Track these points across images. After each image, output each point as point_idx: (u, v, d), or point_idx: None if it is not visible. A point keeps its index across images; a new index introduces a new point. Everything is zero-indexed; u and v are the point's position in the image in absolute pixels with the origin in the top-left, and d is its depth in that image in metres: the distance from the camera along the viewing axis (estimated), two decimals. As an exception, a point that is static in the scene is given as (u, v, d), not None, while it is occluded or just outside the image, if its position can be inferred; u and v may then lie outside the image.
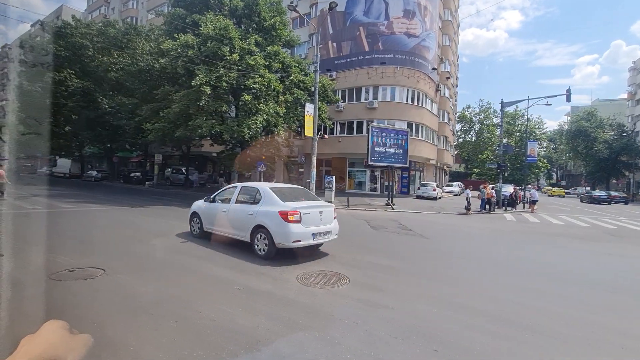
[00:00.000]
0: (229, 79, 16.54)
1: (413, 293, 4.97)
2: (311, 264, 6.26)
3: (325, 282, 5.25)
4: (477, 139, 72.89)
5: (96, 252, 6.50)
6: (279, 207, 6.47)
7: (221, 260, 6.31)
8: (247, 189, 7.49)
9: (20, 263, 5.57)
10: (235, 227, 7.26)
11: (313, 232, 6.53)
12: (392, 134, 20.60)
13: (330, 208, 7.18)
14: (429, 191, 26.66)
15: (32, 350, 0.58)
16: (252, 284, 4.99)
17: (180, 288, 4.67)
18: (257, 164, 21.65)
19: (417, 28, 27.18)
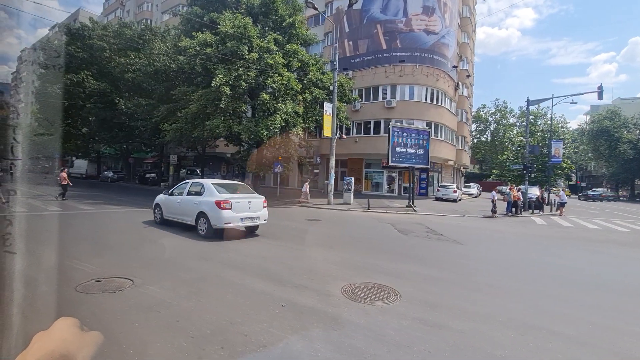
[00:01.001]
0: (247, 79, 16.18)
1: (475, 311, 4.40)
2: (352, 274, 5.74)
3: (374, 296, 4.73)
4: (492, 139, 71.30)
5: (120, 258, 6.13)
6: (215, 197, 8.26)
7: (254, 269, 5.85)
8: (196, 183, 9.28)
9: (44, 271, 5.22)
10: (185, 214, 9.06)
11: (242, 217, 8.40)
12: (413, 133, 19.91)
13: (259, 199, 8.93)
14: (449, 193, 25.83)
15: (44, 346, 0.58)
16: (295, 298, 4.50)
17: (219, 303, 4.22)
18: (274, 165, 21.27)
19: (437, 25, 26.39)
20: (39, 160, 44.79)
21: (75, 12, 67.97)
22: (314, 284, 5.17)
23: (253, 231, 9.23)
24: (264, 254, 7.06)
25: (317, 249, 7.90)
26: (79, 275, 5.03)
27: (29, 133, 40.25)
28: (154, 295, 4.34)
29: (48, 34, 73.72)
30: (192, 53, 16.10)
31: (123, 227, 9.65)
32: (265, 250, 7.37)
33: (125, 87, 27.95)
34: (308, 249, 7.76)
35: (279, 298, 4.46)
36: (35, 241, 7.17)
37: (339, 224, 12.83)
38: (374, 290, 4.96)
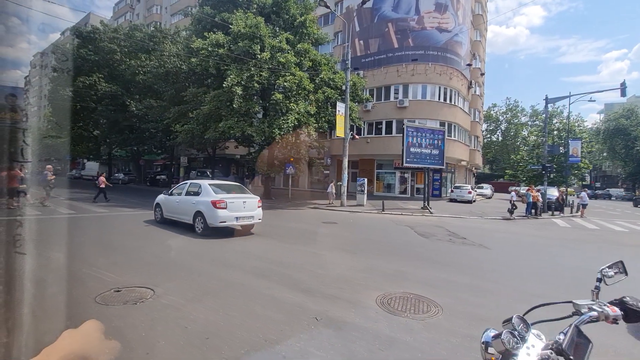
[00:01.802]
0: (260, 79, 15.93)
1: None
2: (382, 283, 5.37)
3: (413, 308, 4.35)
4: (503, 139, 70.04)
5: (137, 264, 5.86)
6: (211, 197, 8.72)
7: (279, 277, 5.51)
8: (194, 184, 9.84)
9: (62, 279, 4.97)
10: (183, 213, 9.54)
11: (237, 216, 8.86)
12: (427, 133, 19.44)
13: (254, 199, 9.41)
14: (463, 194, 25.24)
15: (70, 346, 0.61)
16: (328, 310, 4.15)
17: (248, 316, 3.89)
18: (286, 166, 21.00)
19: (450, 22, 25.85)
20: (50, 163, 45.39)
21: (85, 16, 68.94)
22: (345, 293, 4.82)
23: (249, 230, 9.64)
24: (285, 259, 6.73)
25: (339, 253, 7.54)
26: (96, 283, 4.77)
27: (39, 135, 40.84)
28: (178, 308, 4.03)
29: (60, 38, 74.96)
30: (204, 54, 15.90)
31: (136, 230, 9.43)
32: (285, 256, 7.04)
33: (136, 89, 28.03)
34: (329, 254, 7.41)
35: (311, 310, 4.12)
36: (52, 245, 6.96)
37: (356, 226, 12.45)
38: (412, 302, 4.58)
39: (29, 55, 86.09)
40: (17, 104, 1.18)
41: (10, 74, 1.26)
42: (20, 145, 1.16)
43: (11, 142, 1.17)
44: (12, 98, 1.20)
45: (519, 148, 67.04)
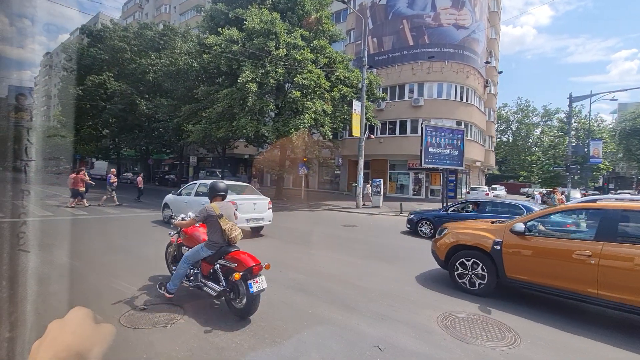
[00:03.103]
0: (275, 76, 15.39)
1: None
2: (435, 299, 4.77)
3: (485, 334, 3.74)
4: (514, 139, 68.77)
5: (155, 273, 5.32)
6: None
7: (318, 291, 4.93)
8: (204, 184, 9.56)
9: (80, 292, 4.45)
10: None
11: (247, 218, 8.62)
12: (446, 133, 18.74)
13: (264, 200, 9.24)
14: (481, 196, 24.47)
15: (60, 337, 0.58)
16: (388, 335, 3.56)
17: (299, 342, 3.32)
18: (299, 166, 20.46)
19: (467, 19, 25.09)
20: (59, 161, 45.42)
21: (95, 16, 69.13)
22: (399, 312, 4.23)
23: (258, 232, 9.44)
24: (317, 268, 6.16)
25: (375, 262, 6.94)
26: (117, 297, 4.24)
27: (47, 134, 40.85)
28: (216, 333, 3.47)
29: (69, 38, 75.36)
30: (217, 50, 15.39)
31: (146, 232, 8.93)
32: (315, 264, 6.47)
33: (146, 88, 27.70)
34: (363, 262, 6.82)
35: (369, 336, 3.54)
36: (68, 252, 6.47)
37: (380, 230, 11.84)
38: (479, 325, 3.97)
39: (39, 56, 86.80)
40: (28, 104, 1.21)
41: (21, 74, 1.29)
42: (24, 144, 1.16)
43: (22, 140, 1.16)
44: (23, 98, 1.20)
45: (530, 149, 65.90)
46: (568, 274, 4.19)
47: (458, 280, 5.21)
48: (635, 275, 3.73)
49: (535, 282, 4.50)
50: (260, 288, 3.74)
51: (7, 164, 1.12)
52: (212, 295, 3.92)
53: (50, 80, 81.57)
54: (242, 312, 3.78)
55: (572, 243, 4.26)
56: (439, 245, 5.59)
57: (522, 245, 4.64)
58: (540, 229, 4.75)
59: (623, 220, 4.07)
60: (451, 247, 5.35)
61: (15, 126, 1.19)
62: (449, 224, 6.22)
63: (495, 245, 4.83)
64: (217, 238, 4.07)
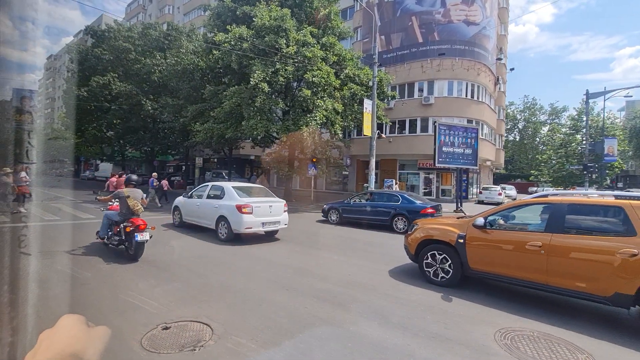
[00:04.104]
0: (285, 74, 14.97)
1: None
2: (479, 312, 4.30)
3: (554, 356, 3.28)
4: (521, 137, 67.98)
5: (172, 282, 4.90)
6: (236, 201, 8.10)
7: (359, 307, 4.48)
8: (216, 187, 9.26)
9: (92, 306, 4.03)
10: (204, 217, 8.95)
11: (263, 222, 8.23)
12: (460, 131, 18.25)
13: (280, 203, 8.81)
14: (493, 195, 23.98)
15: (53, 345, 0.58)
16: (446, 359, 3.11)
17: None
18: (308, 167, 20.01)
19: (478, 15, 24.54)
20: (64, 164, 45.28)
21: (98, 18, 69.19)
22: (450, 329, 3.77)
23: (273, 235, 9.13)
24: (342, 277, 5.70)
25: (405, 271, 6.47)
26: (134, 312, 3.81)
27: (49, 137, 40.72)
28: (254, 358, 3.03)
29: (73, 40, 75.41)
30: (226, 48, 14.98)
31: (157, 236, 8.51)
32: (339, 272, 6.01)
33: (151, 89, 27.40)
34: (391, 269, 6.35)
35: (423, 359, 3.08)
36: (76, 260, 6.07)
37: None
38: (544, 344, 3.50)
39: (43, 59, 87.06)
40: (31, 106, 1.21)
41: (25, 77, 1.22)
42: (25, 147, 1.14)
43: (24, 143, 1.15)
44: (26, 100, 1.19)
45: (537, 147, 65.07)
46: (522, 264, 4.52)
47: (427, 273, 5.49)
48: (578, 264, 4.10)
49: (495, 272, 4.82)
50: (144, 239, 6.02)
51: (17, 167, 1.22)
52: (114, 244, 6.38)
53: (54, 83, 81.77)
54: (132, 256, 6.06)
55: (526, 235, 4.60)
56: (410, 240, 5.87)
57: (483, 238, 4.95)
58: (499, 223, 5.02)
59: (570, 213, 4.41)
60: (420, 242, 5.64)
61: (18, 128, 1.16)
62: (420, 220, 6.64)
63: (459, 238, 5.14)
64: (124, 210, 6.31)
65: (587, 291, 4.03)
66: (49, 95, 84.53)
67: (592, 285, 3.99)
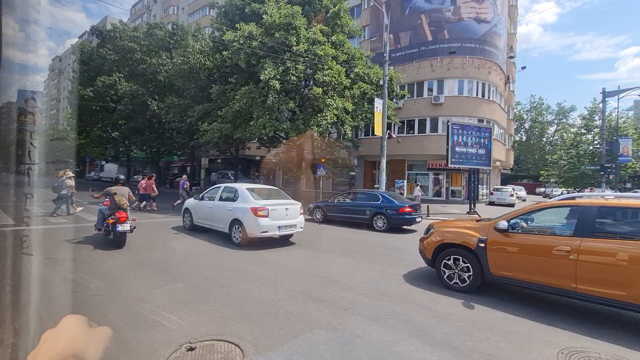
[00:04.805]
0: (296, 72, 14.62)
1: None
2: (531, 328, 3.90)
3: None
4: (527, 137, 67.14)
5: (189, 291, 4.54)
6: (251, 204, 7.81)
7: (391, 319, 4.10)
8: (229, 188, 8.88)
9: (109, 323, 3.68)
10: (217, 220, 8.62)
11: (279, 225, 7.90)
12: (473, 131, 17.84)
13: (296, 205, 8.45)
14: (505, 197, 23.51)
15: (54, 345, 0.58)
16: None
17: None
18: (317, 167, 19.64)
19: (489, 12, 24.07)
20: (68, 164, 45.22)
21: (102, 19, 69.35)
22: (503, 350, 3.37)
23: (287, 238, 8.83)
24: (370, 286, 5.32)
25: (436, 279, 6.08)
26: (155, 330, 3.45)
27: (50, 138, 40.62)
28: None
29: (78, 41, 75.64)
30: (236, 46, 14.66)
31: (169, 240, 8.18)
32: (366, 280, 5.63)
33: (157, 88, 27.17)
34: (419, 277, 5.96)
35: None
36: (87, 269, 5.73)
37: (419, 236, 10.95)
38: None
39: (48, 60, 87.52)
40: (36, 107, 1.22)
41: (30, 78, 1.21)
42: (27, 147, 1.17)
43: (26, 143, 1.18)
44: (33, 102, 1.22)
45: (544, 148, 64.23)
46: (549, 269, 4.28)
47: (444, 278, 5.25)
48: (610, 269, 3.85)
49: (518, 278, 4.57)
50: (124, 229, 7.12)
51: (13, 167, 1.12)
52: (101, 232, 7.64)
53: (59, 84, 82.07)
54: (116, 244, 7.17)
55: (552, 239, 4.37)
56: (425, 244, 5.64)
57: (505, 242, 4.71)
58: (523, 227, 4.79)
59: (600, 216, 4.18)
60: (437, 246, 5.40)
61: (21, 129, 1.18)
62: (436, 223, 6.26)
63: (479, 242, 4.89)
64: (112, 205, 7.34)
65: (626, 300, 3.76)
66: (54, 96, 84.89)
67: (632, 293, 3.71)
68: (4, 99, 1.09)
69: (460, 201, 24.31)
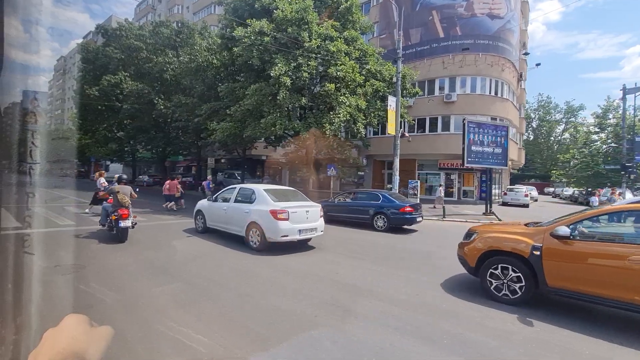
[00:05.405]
0: (308, 68, 14.16)
1: None
2: (598, 349, 3.41)
3: None
4: (535, 136, 66.26)
5: (223, 307, 4.09)
6: (270, 206, 7.39)
7: (446, 339, 3.62)
8: (245, 189, 8.45)
9: (125, 341, 3.23)
10: (232, 223, 8.25)
11: (299, 229, 7.50)
12: (490, 129, 17.29)
13: (316, 208, 8.06)
14: (519, 197, 22.93)
15: (56, 344, 0.58)
16: None
17: None
18: (328, 167, 19.19)
19: (502, 8, 23.48)
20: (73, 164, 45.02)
21: (107, 19, 69.24)
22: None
23: (306, 242, 8.38)
24: (407, 298, 4.85)
25: (477, 288, 5.59)
26: (168, 348, 3.00)
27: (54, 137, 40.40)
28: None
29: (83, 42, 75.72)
30: (247, 43, 14.21)
31: (182, 244, 7.75)
32: (401, 291, 5.15)
33: (164, 87, 26.83)
34: (456, 286, 5.48)
35: None
36: (97, 278, 5.30)
37: (441, 238, 10.45)
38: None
39: (53, 61, 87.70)
40: (40, 107, 1.24)
41: (35, 79, 1.23)
42: (29, 147, 1.17)
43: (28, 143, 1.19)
44: (35, 102, 1.21)
45: (552, 147, 63.35)
46: (621, 281, 3.83)
47: (491, 289, 4.78)
48: None
49: (582, 291, 4.12)
50: (126, 225, 7.56)
51: (21, 167, 1.13)
52: (104, 227, 8.13)
53: (64, 84, 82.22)
54: (119, 239, 7.57)
55: (624, 248, 3.91)
56: (467, 251, 5.21)
57: (565, 250, 4.26)
58: (585, 233, 4.34)
59: None
60: (482, 253, 4.94)
61: (23, 130, 1.18)
62: (478, 227, 5.73)
63: (534, 250, 4.44)
64: (115, 202, 7.66)
65: None
66: (58, 96, 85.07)
67: None
68: (9, 100, 1.06)
69: (472, 201, 23.76)
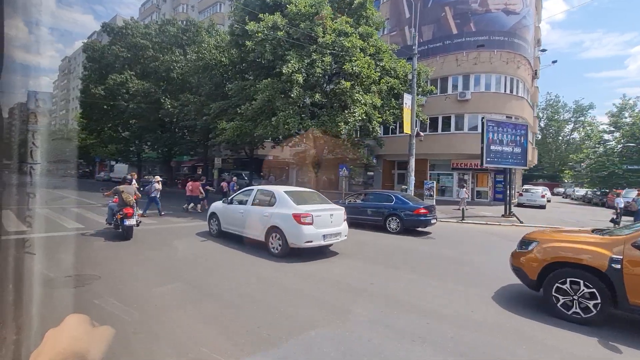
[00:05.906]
0: (322, 65, 13.62)
1: None
2: None
3: None
4: (543, 136, 65.33)
5: (253, 323, 3.55)
6: (292, 210, 6.94)
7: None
8: (263, 192, 8.02)
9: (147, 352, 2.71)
10: (250, 227, 7.76)
11: (324, 234, 7.02)
12: (509, 128, 16.69)
13: (340, 211, 7.63)
14: (535, 198, 22.25)
15: (57, 344, 0.59)
16: None
17: None
18: (339, 167, 18.66)
19: (518, 3, 22.79)
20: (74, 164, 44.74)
21: (112, 18, 69.14)
22: None
23: (327, 246, 7.89)
24: (439, 308, 4.29)
25: (517, 296, 5.00)
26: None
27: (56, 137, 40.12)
28: None
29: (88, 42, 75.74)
30: (259, 37, 13.70)
31: (198, 250, 7.23)
32: (440, 301, 4.59)
33: (171, 86, 26.41)
34: (493, 293, 4.90)
35: None
36: (108, 285, 4.78)
37: (461, 242, 9.87)
38: None
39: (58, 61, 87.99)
40: (37, 107, 1.23)
41: (39, 80, 1.31)
42: (30, 147, 1.16)
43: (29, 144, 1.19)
44: (36, 102, 1.23)
45: (561, 146, 62.37)
46: None
47: (558, 306, 4.23)
48: None
49: None
50: (131, 223, 7.90)
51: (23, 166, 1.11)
52: (110, 226, 8.46)
53: (68, 84, 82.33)
54: (124, 236, 7.84)
55: None
56: (525, 261, 4.63)
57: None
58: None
59: None
60: (546, 265, 4.38)
61: (25, 129, 1.19)
62: (537, 234, 5.04)
63: (612, 263, 3.91)
64: (120, 202, 7.98)
65: None
66: (63, 96, 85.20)
67: None
68: (13, 100, 1.03)
69: (486, 202, 23.12)
